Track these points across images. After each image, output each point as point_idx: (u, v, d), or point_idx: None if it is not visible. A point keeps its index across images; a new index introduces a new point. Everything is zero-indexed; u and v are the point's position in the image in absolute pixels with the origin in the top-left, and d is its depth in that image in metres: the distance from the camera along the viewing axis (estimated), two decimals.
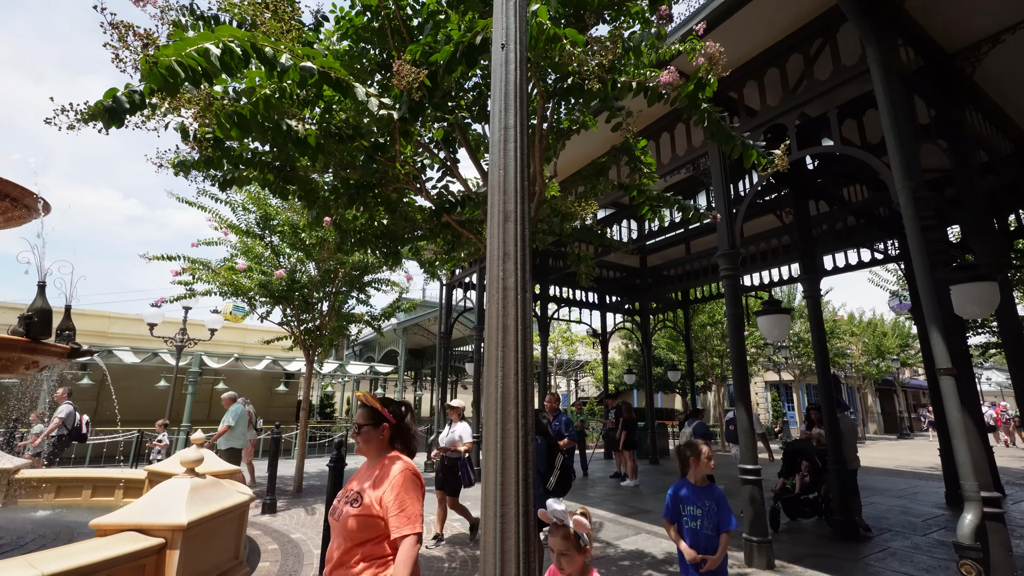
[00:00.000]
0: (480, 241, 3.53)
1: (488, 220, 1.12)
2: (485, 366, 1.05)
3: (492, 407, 0.99)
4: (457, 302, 13.30)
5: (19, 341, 4.13)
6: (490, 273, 1.09)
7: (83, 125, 1.95)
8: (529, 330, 1.05)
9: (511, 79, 1.18)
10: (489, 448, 0.97)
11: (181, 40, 1.53)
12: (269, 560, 5.22)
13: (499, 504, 0.91)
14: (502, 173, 1.12)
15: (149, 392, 13.91)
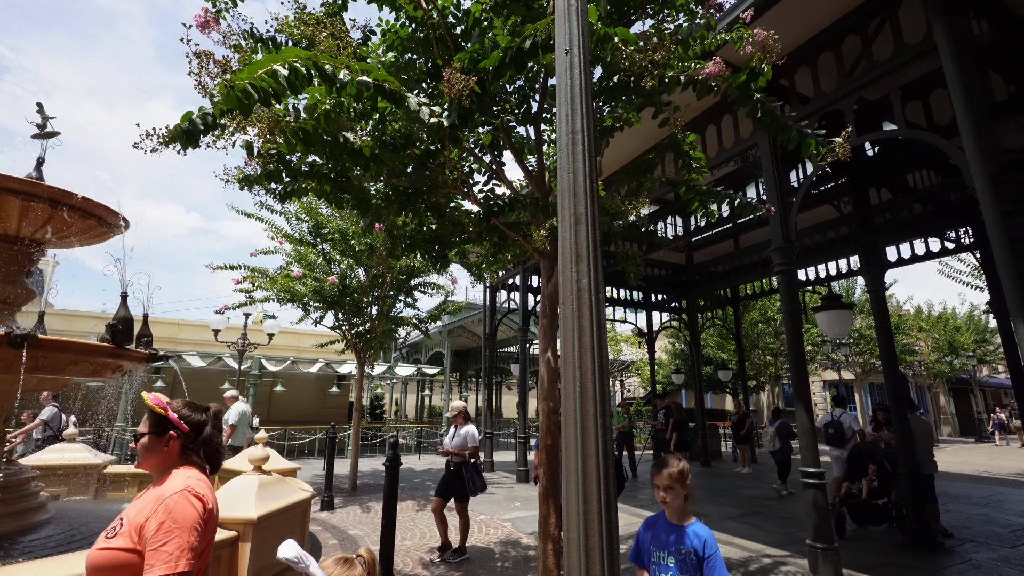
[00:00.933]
0: (527, 243, 3.55)
1: (559, 223, 1.14)
2: (562, 367, 1.07)
3: (571, 407, 1.00)
4: (501, 304, 13.40)
5: (107, 347, 4.50)
6: (563, 275, 1.11)
7: (164, 147, 2.11)
8: (604, 331, 1.06)
9: (576, 83, 1.19)
10: (569, 447, 0.99)
11: (252, 63, 1.65)
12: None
13: (582, 501, 0.92)
14: (571, 176, 1.14)
15: (215, 394, 14.76)
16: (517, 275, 12.64)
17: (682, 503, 2.23)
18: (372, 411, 23.01)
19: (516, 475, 11.13)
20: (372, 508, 7.86)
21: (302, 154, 2.70)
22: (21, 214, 4.39)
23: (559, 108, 1.24)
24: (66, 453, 6.50)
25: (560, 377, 1.10)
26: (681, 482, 2.20)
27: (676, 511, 2.23)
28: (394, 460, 4.23)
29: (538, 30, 1.96)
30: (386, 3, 3.32)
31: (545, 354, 3.25)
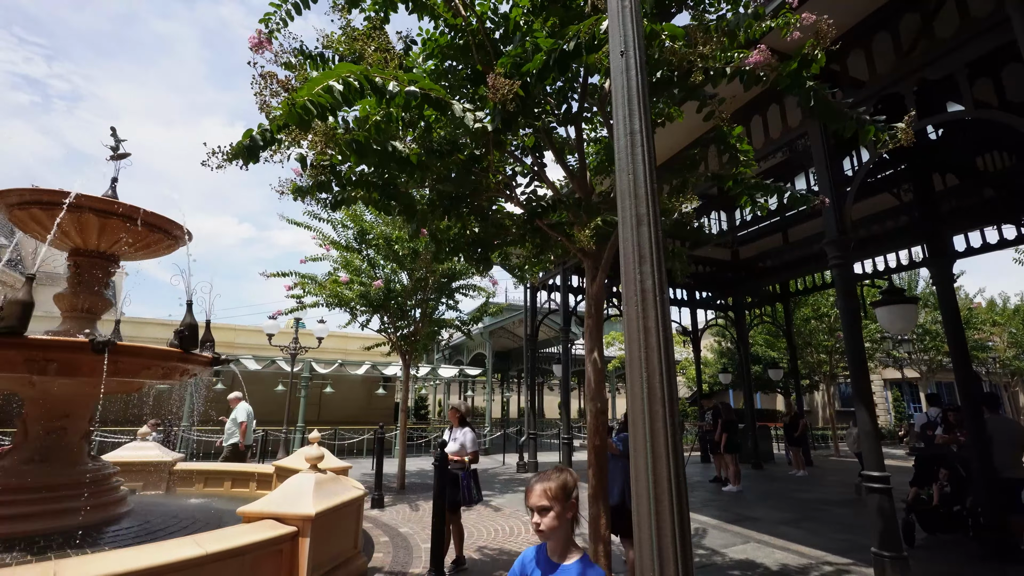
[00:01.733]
0: (570, 243, 3.55)
1: (620, 225, 1.15)
2: (628, 368, 1.08)
3: (639, 408, 1.01)
4: (542, 304, 13.40)
5: (176, 352, 4.82)
6: (626, 277, 1.12)
7: (228, 164, 2.24)
8: (670, 331, 1.05)
9: (633, 85, 1.20)
10: (638, 448, 0.99)
11: (310, 80, 1.74)
12: (382, 552, 5.59)
13: (653, 501, 0.93)
14: (631, 178, 1.14)
15: (270, 395, 15.47)
16: (557, 276, 12.61)
17: (566, 532, 1.63)
18: (416, 412, 23.48)
19: None
20: (420, 507, 8.03)
21: (353, 164, 2.80)
22: (100, 230, 4.76)
23: (616, 110, 1.25)
24: (140, 451, 6.98)
25: (627, 379, 1.09)
26: (562, 501, 1.60)
27: (558, 543, 1.63)
28: (442, 460, 4.31)
29: (581, 31, 1.96)
30: (426, 12, 3.40)
31: (591, 355, 3.24)
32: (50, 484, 4.38)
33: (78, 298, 4.97)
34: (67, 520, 4.27)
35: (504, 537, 6.25)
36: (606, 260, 3.31)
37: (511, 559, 5.31)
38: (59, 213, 4.45)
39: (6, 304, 3.86)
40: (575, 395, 31.23)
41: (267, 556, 3.67)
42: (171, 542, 3.38)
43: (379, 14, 3.52)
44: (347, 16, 3.05)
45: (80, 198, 4.54)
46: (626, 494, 4.23)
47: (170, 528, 4.75)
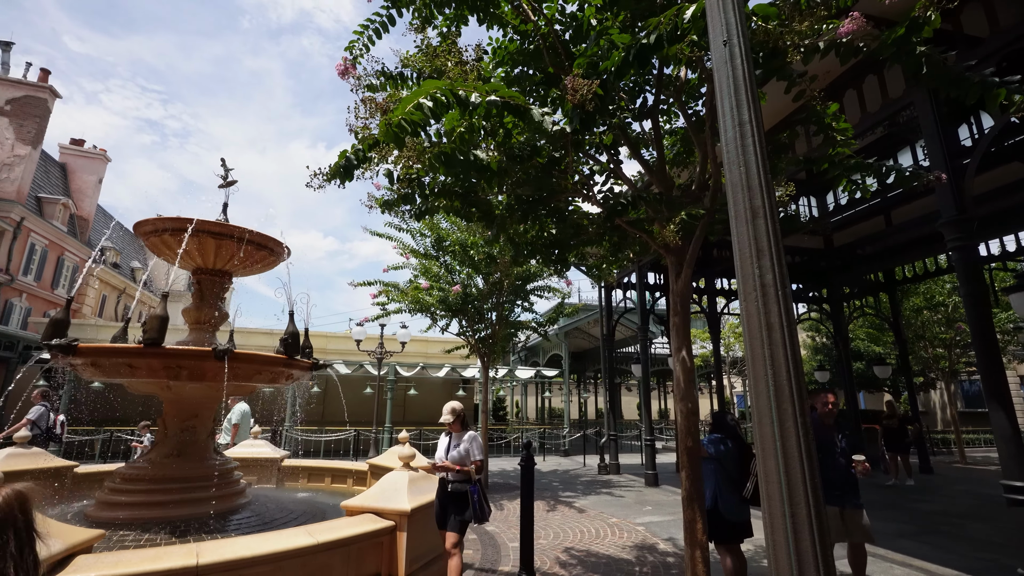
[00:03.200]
0: (651, 240, 3.46)
1: (733, 219, 1.12)
2: (750, 366, 1.05)
3: (764, 406, 0.97)
4: (617, 303, 13.14)
5: (281, 359, 5.30)
6: (743, 272, 1.08)
7: (328, 183, 2.43)
8: (795, 326, 1.01)
9: (739, 75, 1.16)
10: (767, 449, 0.96)
11: (403, 100, 1.86)
12: (471, 549, 5.75)
13: (787, 504, 0.89)
14: (743, 170, 1.11)
15: (359, 397, 16.48)
16: (632, 273, 12.32)
17: None
18: (495, 413, 23.88)
19: (644, 478, 10.79)
20: (505, 506, 8.16)
21: (439, 176, 2.93)
22: (216, 250, 5.33)
23: (721, 102, 1.21)
24: (253, 448, 7.71)
25: (749, 376, 1.06)
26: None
27: None
28: (528, 460, 4.36)
29: (662, 22, 1.92)
30: (495, 22, 3.48)
31: (679, 353, 3.13)
32: (186, 476, 4.97)
33: (201, 311, 5.60)
34: (200, 508, 4.82)
35: (590, 539, 6.19)
36: (691, 255, 3.19)
37: (599, 561, 5.26)
38: (184, 238, 5.06)
39: (148, 319, 4.45)
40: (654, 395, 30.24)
41: (370, 548, 3.92)
42: (287, 531, 3.71)
43: (451, 29, 3.66)
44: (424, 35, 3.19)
45: (199, 223, 5.12)
46: (718, 499, 4.03)
47: (283, 519, 5.20)
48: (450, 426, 4.45)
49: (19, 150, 18.96)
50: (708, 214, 3.04)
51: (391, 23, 3.43)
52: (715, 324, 13.68)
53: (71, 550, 2.87)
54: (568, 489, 10.04)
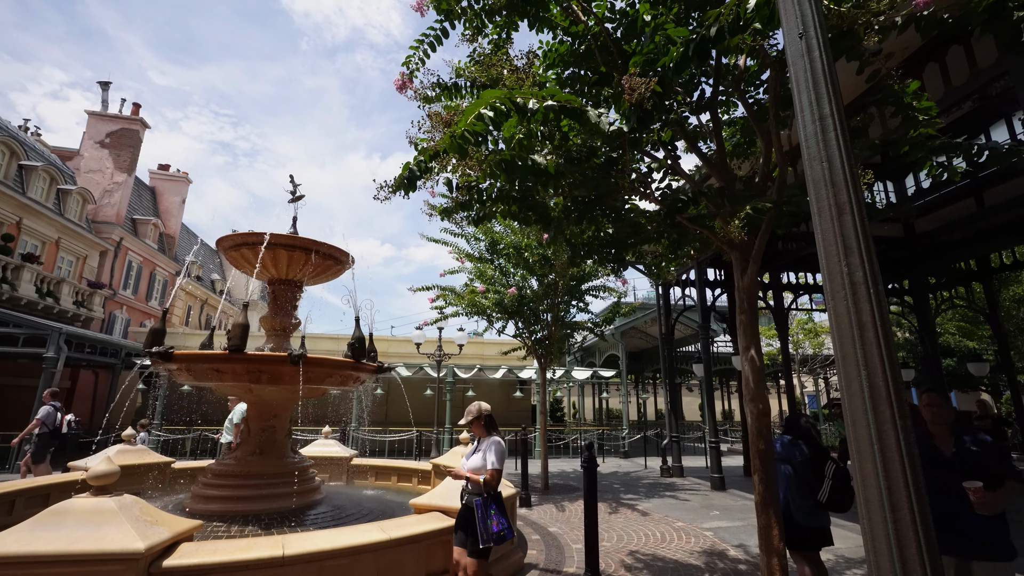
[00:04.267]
0: (713, 236, 3.35)
1: (816, 216, 1.09)
2: (841, 367, 1.01)
3: (859, 408, 0.94)
4: (676, 302, 12.77)
5: (349, 363, 5.58)
6: (830, 270, 1.05)
7: (393, 195, 2.55)
8: (888, 324, 0.97)
9: (817, 67, 1.13)
10: (863, 452, 0.92)
11: (465, 111, 1.93)
12: (535, 549, 5.78)
13: (889, 510, 0.86)
14: (826, 165, 1.07)
15: (420, 399, 16.97)
16: (691, 270, 11.94)
17: None
18: (552, 414, 23.84)
19: (710, 482, 10.40)
20: (565, 507, 8.14)
21: (499, 182, 3.00)
22: (288, 261, 5.70)
23: (798, 96, 1.17)
24: (325, 447, 8.15)
25: (840, 378, 1.01)
26: None
27: None
28: (590, 462, 4.34)
29: (723, 13, 1.87)
30: (545, 25, 3.50)
31: (747, 352, 3.02)
32: (268, 473, 5.33)
33: (276, 319, 6.00)
34: (281, 503, 5.16)
35: (656, 543, 6.06)
36: (757, 250, 3.06)
37: (666, 566, 5.13)
38: (260, 250, 5.45)
39: (232, 327, 4.83)
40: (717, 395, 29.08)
41: (438, 544, 4.04)
42: (362, 527, 3.91)
43: (502, 36, 3.73)
44: (479, 44, 3.27)
45: (273, 237, 5.50)
46: (790, 503, 3.82)
47: (356, 514, 5.46)
48: (472, 428, 3.79)
49: (117, 177, 21.10)
50: (775, 207, 2.91)
51: (444, 36, 3.54)
52: (782, 320, 12.97)
53: (176, 538, 3.17)
54: (630, 491, 9.86)
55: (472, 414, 3.77)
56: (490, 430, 3.74)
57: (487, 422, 3.75)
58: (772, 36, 2.91)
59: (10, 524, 4.05)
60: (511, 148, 2.43)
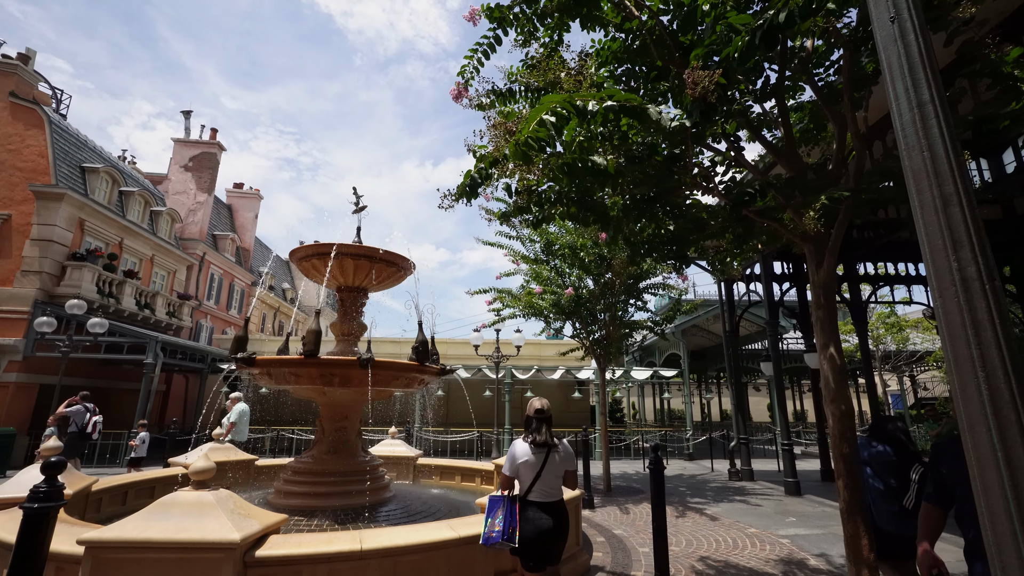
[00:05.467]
0: (782, 229, 3.19)
1: (919, 209, 1.03)
2: (953, 369, 0.94)
3: (976, 413, 0.88)
4: (740, 297, 12.22)
5: (414, 365, 5.77)
6: (936, 265, 0.99)
7: (456, 203, 2.63)
8: (1008, 322, 0.90)
9: (914, 51, 1.06)
10: (984, 459, 0.86)
11: (527, 117, 1.96)
12: (601, 551, 5.73)
13: (1018, 522, 0.80)
14: (928, 155, 1.01)
15: (479, 400, 17.24)
16: (756, 264, 11.39)
17: None
18: (611, 415, 23.46)
19: (784, 486, 9.86)
20: (629, 510, 8.00)
21: (563, 186, 3.02)
22: (354, 270, 5.98)
23: (891, 84, 1.11)
24: (392, 447, 8.46)
25: (953, 381, 0.95)
26: None
27: None
28: (657, 463, 4.25)
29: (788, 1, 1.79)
30: (596, 23, 3.48)
31: (826, 350, 2.85)
32: (342, 471, 5.62)
33: (345, 325, 6.31)
34: (355, 499, 5.42)
35: (728, 549, 5.82)
36: (834, 242, 2.88)
37: (739, 574, 4.93)
38: (328, 260, 5.76)
39: (306, 333, 5.14)
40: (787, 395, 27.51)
41: None
42: (432, 525, 4.04)
43: (554, 37, 3.74)
44: (538, 48, 3.30)
45: (340, 247, 5.80)
46: (872, 509, 3.54)
47: (424, 512, 5.64)
48: (535, 426, 3.48)
49: (199, 197, 23.03)
50: (853, 195, 2.73)
51: (498, 43, 3.60)
52: (860, 315, 12.09)
53: (266, 530, 3.41)
54: (697, 495, 9.53)
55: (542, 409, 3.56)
56: (538, 423, 3.43)
57: (524, 423, 3.57)
58: (845, 14, 2.74)
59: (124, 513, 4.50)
60: (572, 151, 2.43)
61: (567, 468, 3.40)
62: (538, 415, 3.41)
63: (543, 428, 3.37)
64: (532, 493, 3.24)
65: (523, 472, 3.28)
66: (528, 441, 3.32)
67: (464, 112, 3.78)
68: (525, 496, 3.25)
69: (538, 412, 3.42)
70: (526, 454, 3.27)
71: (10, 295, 13.78)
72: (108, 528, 3.13)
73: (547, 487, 3.27)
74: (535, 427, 3.37)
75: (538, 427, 3.36)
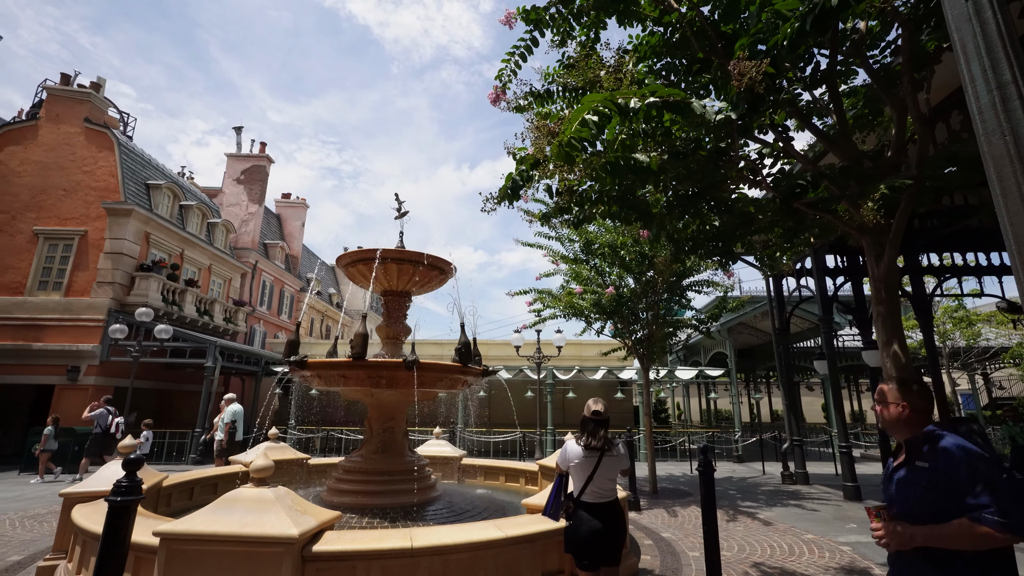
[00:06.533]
0: (838, 221, 3.05)
1: (1000, 197, 0.96)
2: None
3: None
4: (790, 293, 11.73)
5: (458, 367, 5.86)
6: (1022, 257, 0.93)
7: (498, 206, 2.65)
8: None
9: (991, 29, 1.00)
10: None
11: (570, 117, 1.97)
12: (649, 555, 5.63)
13: None
14: (1010, 139, 0.95)
15: (521, 401, 17.28)
16: (806, 259, 10.89)
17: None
18: (655, 415, 23.00)
19: (843, 491, 9.38)
20: (677, 512, 7.82)
21: (606, 185, 3.00)
22: (398, 274, 6.13)
23: (965, 65, 1.05)
24: (437, 447, 8.60)
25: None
26: None
27: None
28: (707, 465, 4.14)
29: None
30: (634, 18, 3.43)
31: (889, 347, 2.69)
32: (390, 470, 5.77)
33: (390, 327, 6.48)
34: (404, 498, 5.55)
35: (783, 556, 5.60)
36: (896, 233, 2.72)
37: None
38: (374, 265, 5.94)
39: (354, 337, 5.31)
40: (843, 395, 26.15)
41: (552, 545, 4.09)
42: (479, 524, 4.09)
43: (590, 35, 3.72)
44: (568, 49, 3.30)
45: (384, 252, 5.96)
46: None
47: (470, 512, 5.71)
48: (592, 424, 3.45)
49: (251, 208, 24.23)
50: (915, 183, 2.58)
51: (535, 45, 3.61)
52: (924, 309, 11.34)
53: (322, 526, 3.55)
54: (748, 499, 9.20)
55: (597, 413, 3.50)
56: (594, 421, 3.37)
57: (580, 424, 3.47)
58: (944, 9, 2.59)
59: (191, 507, 4.77)
60: (614, 149, 2.41)
61: (621, 468, 3.36)
62: (595, 417, 3.32)
63: (599, 432, 3.30)
64: (585, 494, 3.22)
65: (575, 472, 3.26)
66: (581, 444, 3.27)
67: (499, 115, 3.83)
68: (578, 497, 3.24)
69: (595, 414, 3.33)
70: (578, 456, 3.23)
71: (88, 305, 14.93)
72: (179, 521, 3.34)
73: (600, 488, 3.24)
74: (591, 429, 3.30)
75: (594, 430, 3.29)
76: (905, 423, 1.98)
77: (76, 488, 4.71)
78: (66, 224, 15.55)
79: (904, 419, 1.98)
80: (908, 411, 1.96)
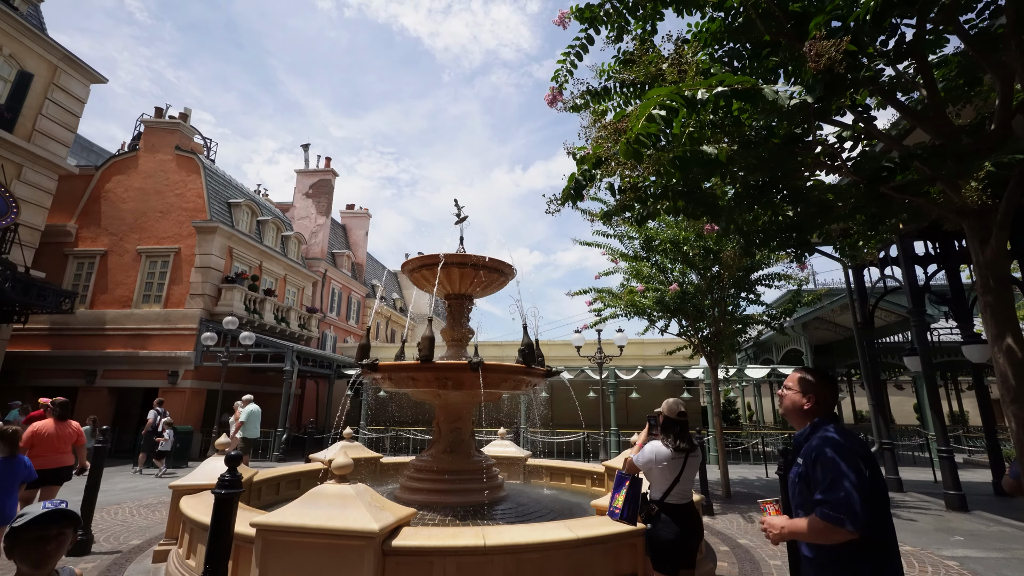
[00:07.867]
0: (932, 205, 2.80)
1: None
2: None
3: None
4: (874, 284, 10.85)
5: (521, 368, 5.91)
6: None
7: (562, 206, 2.66)
8: None
9: None
10: None
11: (636, 113, 1.95)
12: (725, 561, 5.40)
13: None
14: None
15: (584, 401, 17.13)
16: (891, 247, 10.04)
17: None
18: (725, 416, 22.03)
19: (944, 500, 8.55)
20: (753, 518, 7.45)
21: (675, 179, 2.92)
22: (460, 278, 6.28)
23: None
24: (502, 447, 8.70)
25: None
26: None
27: None
28: (786, 468, 3.91)
29: None
30: (691, 5, 3.31)
31: (1002, 341, 2.43)
32: (459, 469, 5.91)
33: (454, 330, 6.65)
34: (473, 497, 5.67)
35: None
36: (1004, 215, 2.46)
37: None
38: (437, 270, 6.12)
39: (421, 340, 5.50)
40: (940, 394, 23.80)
41: (623, 547, 4.03)
42: (549, 524, 4.10)
43: (646, 28, 3.63)
44: (628, 43, 3.25)
45: (447, 256, 6.13)
46: None
47: (538, 512, 5.73)
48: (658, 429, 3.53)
49: (319, 220, 25.73)
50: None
51: (590, 43, 3.58)
52: None
53: (399, 522, 3.71)
54: None
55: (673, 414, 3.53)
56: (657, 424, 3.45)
57: (663, 425, 3.43)
58: None
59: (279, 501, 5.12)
60: (682, 143, 2.35)
61: (698, 467, 3.43)
62: (680, 418, 3.34)
63: (687, 432, 3.34)
64: (671, 496, 3.22)
65: (659, 475, 3.26)
66: (670, 446, 3.25)
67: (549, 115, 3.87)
68: (663, 499, 3.23)
69: (680, 415, 3.34)
70: (667, 459, 3.23)
71: (183, 315, 16.44)
72: (272, 514, 3.61)
73: (684, 490, 3.26)
74: (679, 431, 3.31)
75: (682, 432, 3.32)
76: (801, 414, 2.04)
77: (183, 481, 5.19)
78: (163, 243, 17.21)
79: (801, 410, 2.04)
80: (812, 403, 2.01)
